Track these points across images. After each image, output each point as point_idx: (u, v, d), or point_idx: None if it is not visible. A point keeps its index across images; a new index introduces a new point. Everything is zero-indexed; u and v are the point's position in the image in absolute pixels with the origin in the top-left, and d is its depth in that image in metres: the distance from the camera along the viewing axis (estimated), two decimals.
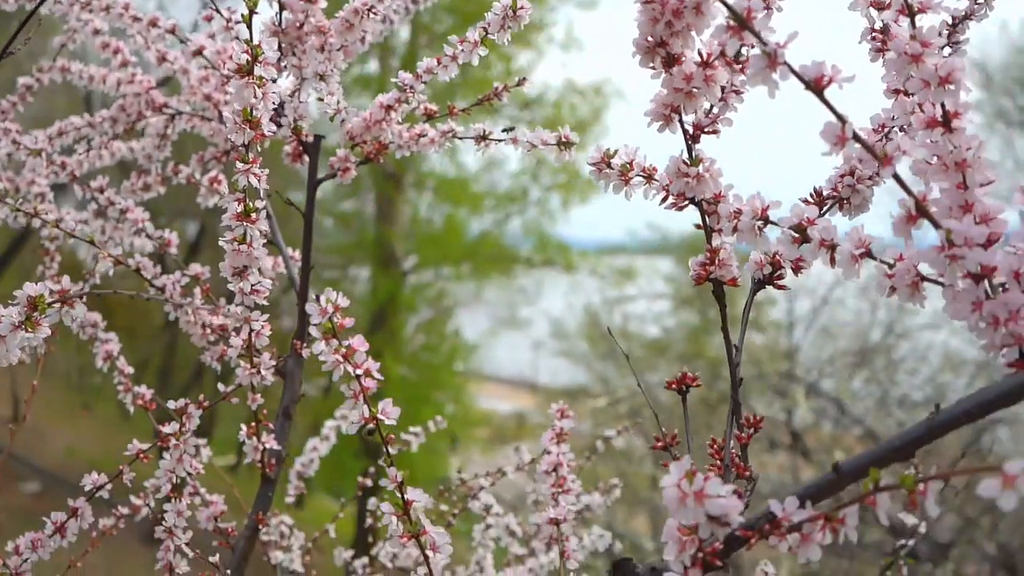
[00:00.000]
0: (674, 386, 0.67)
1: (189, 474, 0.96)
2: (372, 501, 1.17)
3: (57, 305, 0.65)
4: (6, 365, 0.69)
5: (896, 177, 0.50)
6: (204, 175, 1.16)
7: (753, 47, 0.53)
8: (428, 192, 11.90)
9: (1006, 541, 6.04)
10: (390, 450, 0.62)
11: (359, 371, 0.60)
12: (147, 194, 1.18)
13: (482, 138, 0.93)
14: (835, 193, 0.66)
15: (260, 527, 0.97)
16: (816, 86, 0.50)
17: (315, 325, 0.59)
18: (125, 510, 1.11)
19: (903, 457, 0.49)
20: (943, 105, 0.52)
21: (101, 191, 1.10)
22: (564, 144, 0.79)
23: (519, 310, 12.24)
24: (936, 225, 0.50)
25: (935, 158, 0.52)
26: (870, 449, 0.50)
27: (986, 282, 0.51)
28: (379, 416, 0.61)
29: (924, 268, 0.54)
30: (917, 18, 0.54)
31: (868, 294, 6.95)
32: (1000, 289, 0.51)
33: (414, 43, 9.99)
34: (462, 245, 11.43)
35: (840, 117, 0.50)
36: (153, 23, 1.07)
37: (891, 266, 0.54)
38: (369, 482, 1.46)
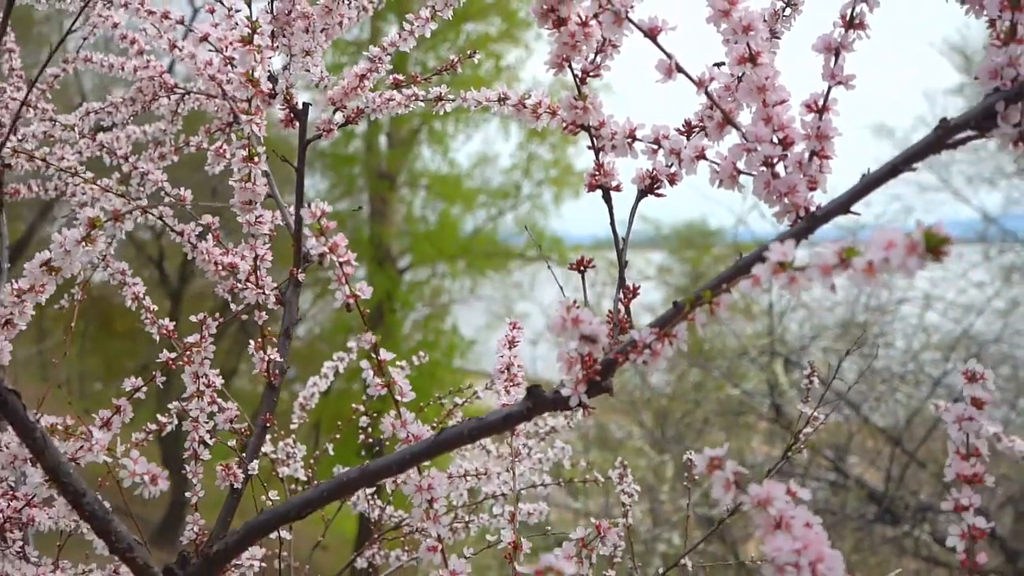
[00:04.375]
0: (575, 267, 0.88)
1: (207, 384, 1.17)
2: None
3: (111, 222, 0.86)
4: (70, 275, 0.90)
5: (708, 95, 0.71)
6: (211, 145, 1.37)
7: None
8: (421, 190, 12.11)
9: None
10: (365, 322, 0.83)
11: (342, 259, 0.81)
12: (163, 163, 1.39)
13: (439, 99, 1.14)
14: (700, 123, 0.87)
15: (268, 425, 1.18)
16: (652, 34, 0.71)
17: (307, 225, 0.80)
18: (156, 424, 1.31)
19: (718, 284, 0.70)
20: (749, 46, 0.73)
21: (126, 159, 1.31)
22: (502, 100, 1.00)
23: (515, 305, 12.42)
24: (736, 128, 0.71)
25: (744, 84, 0.74)
26: (702, 285, 0.71)
27: (779, 168, 0.73)
28: (357, 293, 0.82)
29: (740, 165, 0.75)
30: None
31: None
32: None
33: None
34: (456, 242, 11.62)
35: (668, 55, 0.71)
36: (165, 16, 1.28)
37: (719, 164, 0.75)
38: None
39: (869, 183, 0.67)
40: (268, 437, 1.53)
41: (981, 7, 0.66)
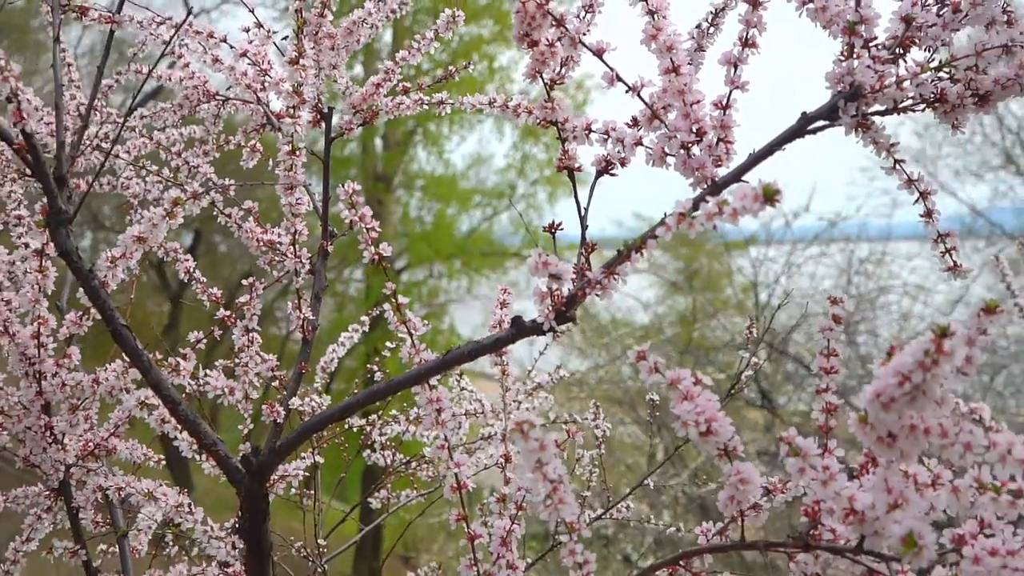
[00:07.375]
0: (547, 229, 1.13)
1: (251, 340, 1.42)
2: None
3: (191, 200, 1.11)
4: (154, 244, 1.15)
5: (640, 97, 0.97)
6: (247, 143, 1.62)
7: None
8: (417, 191, 12.36)
9: None
10: (388, 275, 1.09)
11: (368, 226, 1.06)
12: (207, 159, 1.65)
13: (441, 103, 1.39)
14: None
15: (303, 373, 1.43)
16: (598, 53, 0.96)
17: (341, 200, 1.05)
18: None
19: (647, 235, 0.95)
20: (671, 59, 0.99)
21: (178, 155, 1.56)
22: (492, 103, 1.25)
23: (512, 303, 12.61)
24: (662, 122, 0.97)
25: (668, 89, 0.99)
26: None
27: (695, 150, 0.98)
28: (380, 252, 1.07)
29: (667, 149, 1.01)
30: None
31: (832, 258, 7.47)
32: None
33: (396, 46, 10.48)
34: (452, 242, 11.87)
35: (610, 68, 0.96)
36: (210, 35, 1.53)
37: (651, 149, 1.01)
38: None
39: (753, 160, 0.92)
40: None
41: (832, 31, 0.92)
